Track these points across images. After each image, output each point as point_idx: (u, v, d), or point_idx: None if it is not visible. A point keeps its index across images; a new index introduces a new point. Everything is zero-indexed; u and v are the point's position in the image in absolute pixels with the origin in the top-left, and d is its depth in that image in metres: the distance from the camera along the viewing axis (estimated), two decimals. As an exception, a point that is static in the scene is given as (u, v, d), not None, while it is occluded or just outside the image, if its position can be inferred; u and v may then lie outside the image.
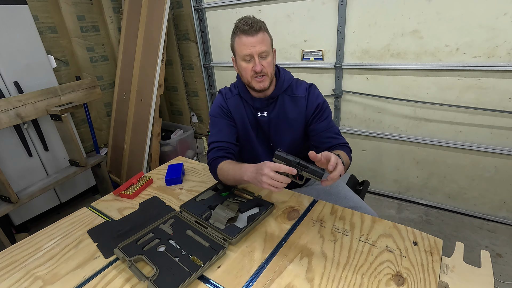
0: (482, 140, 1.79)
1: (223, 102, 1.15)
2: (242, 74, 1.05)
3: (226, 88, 1.19)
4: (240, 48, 0.99)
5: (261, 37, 0.97)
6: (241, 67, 1.03)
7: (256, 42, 0.97)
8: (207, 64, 2.73)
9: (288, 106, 1.11)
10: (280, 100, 1.11)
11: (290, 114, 1.12)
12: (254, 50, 0.97)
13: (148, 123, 2.33)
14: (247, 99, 1.12)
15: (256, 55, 0.98)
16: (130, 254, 0.81)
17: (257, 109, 1.12)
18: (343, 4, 1.85)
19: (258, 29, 0.97)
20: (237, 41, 1.00)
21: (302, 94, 1.11)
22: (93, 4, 2.67)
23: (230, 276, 0.75)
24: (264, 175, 0.78)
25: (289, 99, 1.12)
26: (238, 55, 1.02)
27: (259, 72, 0.99)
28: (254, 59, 0.99)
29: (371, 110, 2.06)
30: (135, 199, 1.14)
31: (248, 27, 0.96)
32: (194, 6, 2.50)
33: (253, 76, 1.02)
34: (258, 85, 1.03)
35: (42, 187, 1.94)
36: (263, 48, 0.98)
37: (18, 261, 0.86)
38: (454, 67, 1.68)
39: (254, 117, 1.13)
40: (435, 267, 0.74)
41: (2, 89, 1.83)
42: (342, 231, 0.89)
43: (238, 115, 1.13)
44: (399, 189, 2.21)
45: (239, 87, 1.14)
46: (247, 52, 0.98)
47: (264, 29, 1.00)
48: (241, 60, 1.02)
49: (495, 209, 1.90)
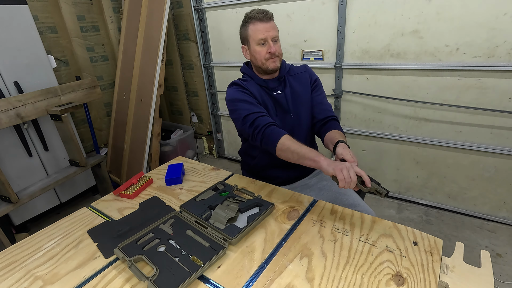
0: (482, 140, 1.79)
1: (242, 88, 1.20)
2: (256, 57, 1.16)
3: (236, 80, 1.25)
4: (256, 33, 1.13)
5: (273, 24, 1.14)
6: (255, 51, 1.15)
7: (270, 28, 1.12)
8: (207, 64, 2.73)
9: (294, 83, 1.25)
10: (287, 80, 1.25)
11: (298, 88, 1.25)
12: (268, 35, 1.12)
13: (148, 123, 2.33)
14: (260, 82, 1.22)
15: (270, 39, 1.13)
16: (130, 254, 0.81)
17: (271, 89, 1.22)
18: (343, 4, 1.85)
19: (271, 17, 1.13)
20: (251, 28, 1.13)
21: (302, 70, 1.30)
22: (93, 4, 2.67)
23: (230, 276, 0.75)
24: (349, 169, 0.88)
25: (292, 78, 1.27)
26: (254, 40, 1.14)
27: (273, 53, 1.13)
28: (269, 43, 1.13)
29: (371, 110, 2.06)
30: (135, 199, 1.14)
31: (262, 15, 1.11)
32: (194, 6, 2.50)
33: (267, 58, 1.14)
34: (272, 65, 1.15)
35: (42, 187, 1.94)
36: (275, 33, 1.14)
37: (18, 261, 0.86)
38: (454, 67, 1.68)
39: (270, 96, 1.22)
40: (435, 267, 0.74)
41: (2, 89, 1.83)
42: (342, 231, 0.89)
43: (259, 96, 1.20)
44: (399, 189, 2.21)
45: (251, 75, 1.24)
46: (263, 36, 1.12)
47: (273, 19, 1.16)
48: (256, 45, 1.14)
49: (495, 209, 1.90)
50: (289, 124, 1.23)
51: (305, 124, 1.26)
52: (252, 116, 1.10)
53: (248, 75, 1.25)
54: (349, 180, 0.87)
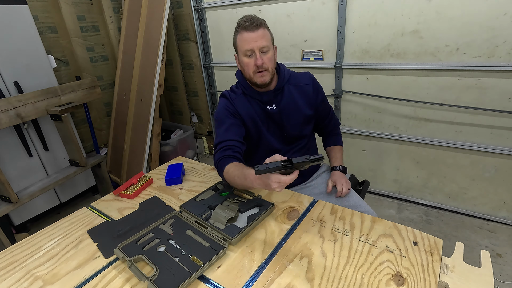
0: (482, 140, 1.79)
1: (229, 104, 1.15)
2: (244, 69, 1.09)
3: (228, 91, 1.19)
4: (242, 43, 1.04)
5: (261, 32, 1.02)
6: (243, 62, 1.07)
7: (257, 38, 1.01)
8: (207, 64, 2.73)
9: (294, 94, 1.17)
10: (286, 90, 1.16)
11: (299, 101, 1.17)
12: (255, 45, 1.01)
13: (148, 123, 2.33)
14: (253, 95, 1.14)
15: (257, 50, 1.02)
16: (130, 254, 0.81)
17: (265, 103, 1.15)
18: (343, 4, 1.85)
19: (258, 25, 1.01)
20: (239, 37, 1.05)
21: (307, 82, 1.19)
22: (93, 4, 2.67)
23: (230, 276, 0.75)
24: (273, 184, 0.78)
25: (294, 88, 1.18)
26: (240, 50, 1.06)
27: (260, 66, 1.03)
28: (255, 54, 1.03)
29: (371, 110, 2.06)
30: (135, 199, 1.14)
31: (248, 23, 1.01)
32: (194, 6, 2.50)
33: (255, 71, 1.05)
34: (259, 79, 1.06)
35: (42, 187, 1.94)
36: (263, 43, 1.02)
37: (18, 261, 0.86)
38: (454, 67, 1.68)
39: (263, 111, 1.16)
40: (435, 267, 0.74)
41: (2, 89, 1.83)
42: (342, 231, 0.89)
43: (247, 113, 1.15)
44: (399, 189, 2.21)
45: (243, 85, 1.16)
46: (249, 47, 1.02)
47: (264, 26, 1.04)
48: (243, 56, 1.06)
49: (495, 209, 1.90)
50: (281, 141, 1.21)
51: (300, 143, 1.24)
52: (218, 146, 1.08)
53: (241, 84, 1.17)
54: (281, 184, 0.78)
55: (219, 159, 1.05)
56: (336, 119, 1.35)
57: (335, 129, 1.35)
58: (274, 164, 0.76)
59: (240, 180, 0.93)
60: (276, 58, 1.12)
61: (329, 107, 1.30)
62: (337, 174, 1.23)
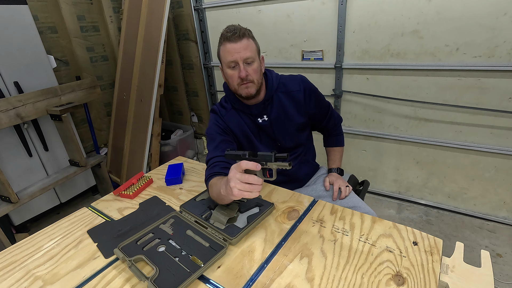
0: (482, 140, 1.79)
1: (219, 120, 1.12)
2: (229, 82, 1.05)
3: (217, 106, 1.16)
4: (225, 55, 0.99)
5: (245, 43, 0.97)
6: (227, 74, 1.03)
7: (240, 48, 0.96)
8: (207, 64, 2.73)
9: (285, 103, 1.12)
10: (276, 99, 1.12)
11: (290, 109, 1.13)
12: (238, 56, 0.97)
13: (148, 123, 2.33)
14: (242, 108, 1.11)
15: (241, 61, 0.98)
16: (130, 254, 0.81)
17: (255, 116, 1.12)
18: (343, 4, 1.85)
19: (241, 36, 0.96)
20: (222, 49, 1.00)
21: (296, 88, 1.13)
22: (93, 4, 2.67)
23: (230, 276, 0.75)
24: (231, 179, 0.74)
25: (284, 96, 1.13)
26: (224, 62, 1.01)
27: (244, 78, 0.99)
28: (239, 66, 0.98)
29: (371, 110, 2.06)
30: (135, 199, 1.14)
31: (231, 34, 0.96)
32: (194, 6, 2.50)
33: (239, 84, 1.01)
34: (244, 91, 1.02)
35: (42, 187, 1.94)
36: (247, 54, 0.97)
37: (18, 261, 0.86)
38: (454, 67, 1.68)
39: (254, 124, 1.13)
40: (435, 267, 0.74)
41: (2, 89, 1.83)
42: (342, 231, 0.89)
43: (238, 128, 1.12)
44: (399, 189, 2.21)
45: (231, 100, 1.12)
46: (231, 58, 0.98)
47: (248, 36, 0.99)
48: (227, 68, 1.01)
49: (495, 209, 1.90)
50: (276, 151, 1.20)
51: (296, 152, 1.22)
52: (209, 163, 1.05)
53: (228, 98, 1.13)
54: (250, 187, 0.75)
55: (207, 176, 1.02)
56: (336, 117, 1.30)
57: (335, 129, 1.31)
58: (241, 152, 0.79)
59: (216, 189, 0.90)
60: (263, 69, 1.08)
61: (326, 106, 1.24)
62: (335, 175, 1.22)
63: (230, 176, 0.76)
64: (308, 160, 1.29)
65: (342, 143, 1.33)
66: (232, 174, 0.76)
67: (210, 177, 1.00)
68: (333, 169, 1.27)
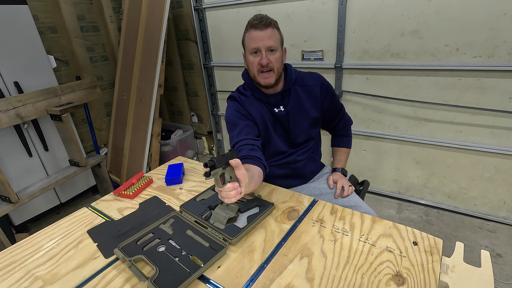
0: (482, 140, 1.79)
1: (239, 106, 1.13)
2: (249, 68, 1.07)
3: (236, 93, 1.17)
4: (249, 41, 1.02)
5: (270, 32, 1.00)
6: (248, 61, 1.06)
7: (265, 37, 0.99)
8: (207, 64, 2.73)
9: (302, 96, 1.15)
10: (293, 92, 1.14)
11: (306, 103, 1.15)
12: (262, 44, 0.99)
13: (148, 123, 2.33)
14: (261, 97, 1.13)
15: (264, 49, 1.00)
16: (130, 254, 0.81)
17: (273, 105, 1.13)
18: (343, 4, 1.85)
19: (267, 24, 0.99)
20: (247, 35, 1.03)
21: (314, 83, 1.16)
22: (93, 4, 2.67)
23: (230, 276, 0.75)
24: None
25: (301, 89, 1.15)
26: (247, 48, 1.04)
27: (265, 65, 1.01)
28: (262, 53, 1.01)
29: (371, 110, 2.06)
30: (135, 199, 1.14)
31: (258, 22, 0.99)
32: (194, 6, 2.50)
33: (259, 70, 1.03)
34: (263, 81, 1.05)
35: (42, 187, 1.94)
36: (271, 42, 1.00)
37: (18, 261, 0.86)
38: (454, 67, 1.68)
39: (271, 113, 1.15)
40: (435, 267, 0.74)
41: (2, 89, 1.83)
42: (342, 231, 0.89)
43: (259, 115, 1.14)
44: (399, 189, 2.21)
45: (251, 88, 1.14)
46: (255, 45, 1.00)
47: (274, 26, 1.02)
48: (249, 54, 1.04)
49: (495, 209, 1.90)
50: (288, 143, 1.20)
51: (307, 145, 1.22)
52: (235, 147, 1.06)
53: (248, 85, 1.16)
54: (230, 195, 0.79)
55: None
56: (347, 119, 1.31)
57: (345, 130, 1.33)
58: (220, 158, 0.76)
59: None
60: (284, 60, 1.10)
61: (339, 106, 1.26)
62: (339, 175, 1.23)
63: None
64: (315, 158, 1.30)
65: (349, 144, 1.34)
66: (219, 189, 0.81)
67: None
68: (337, 169, 1.28)
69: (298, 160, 1.22)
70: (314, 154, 1.30)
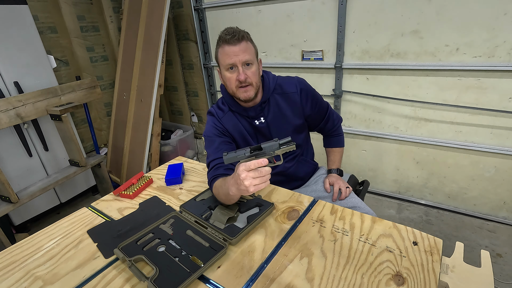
0: (482, 140, 1.79)
1: (217, 122, 1.12)
2: (227, 85, 1.04)
3: (214, 108, 1.15)
4: (223, 57, 0.98)
5: (244, 46, 0.96)
6: (225, 77, 1.02)
7: (239, 51, 0.96)
8: (207, 64, 2.73)
9: (282, 105, 1.12)
10: (272, 101, 1.11)
11: (287, 111, 1.13)
12: (237, 59, 0.96)
13: (148, 123, 2.33)
14: (239, 111, 1.11)
15: (240, 64, 0.97)
16: (130, 254, 0.81)
17: (252, 118, 1.11)
18: (343, 4, 1.85)
19: (240, 38, 0.96)
20: (220, 51, 0.99)
21: (293, 90, 1.13)
22: (93, 4, 2.67)
23: (230, 276, 0.75)
24: (244, 179, 0.75)
25: (281, 97, 1.12)
26: (222, 65, 1.00)
27: (243, 81, 0.98)
28: (238, 68, 0.98)
29: (371, 110, 2.06)
30: (135, 199, 1.14)
31: (230, 37, 0.95)
32: (194, 6, 2.50)
33: (237, 86, 1.00)
34: (243, 95, 1.01)
35: (42, 187, 1.94)
36: (246, 57, 0.96)
37: (18, 261, 0.86)
38: (454, 67, 1.68)
39: (251, 126, 1.13)
40: (435, 267, 0.74)
41: (2, 89, 1.83)
42: (342, 231, 0.89)
43: (236, 131, 1.12)
44: (399, 189, 2.21)
45: (228, 102, 1.12)
46: (230, 61, 0.96)
47: (247, 39, 0.98)
48: (225, 71, 1.00)
49: (495, 209, 1.90)
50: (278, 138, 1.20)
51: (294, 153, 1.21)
52: (210, 165, 1.05)
53: (226, 100, 1.12)
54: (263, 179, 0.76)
55: (210, 178, 1.02)
56: (335, 118, 1.28)
57: (334, 130, 1.30)
58: (243, 150, 0.76)
59: (222, 190, 0.91)
60: (260, 72, 1.08)
61: (324, 107, 1.22)
62: (335, 176, 1.23)
63: (243, 177, 0.75)
64: (306, 159, 1.29)
65: (342, 143, 1.33)
66: (244, 175, 0.75)
67: (214, 179, 1.00)
68: (332, 170, 1.27)
69: (288, 167, 1.22)
70: (304, 156, 1.28)
